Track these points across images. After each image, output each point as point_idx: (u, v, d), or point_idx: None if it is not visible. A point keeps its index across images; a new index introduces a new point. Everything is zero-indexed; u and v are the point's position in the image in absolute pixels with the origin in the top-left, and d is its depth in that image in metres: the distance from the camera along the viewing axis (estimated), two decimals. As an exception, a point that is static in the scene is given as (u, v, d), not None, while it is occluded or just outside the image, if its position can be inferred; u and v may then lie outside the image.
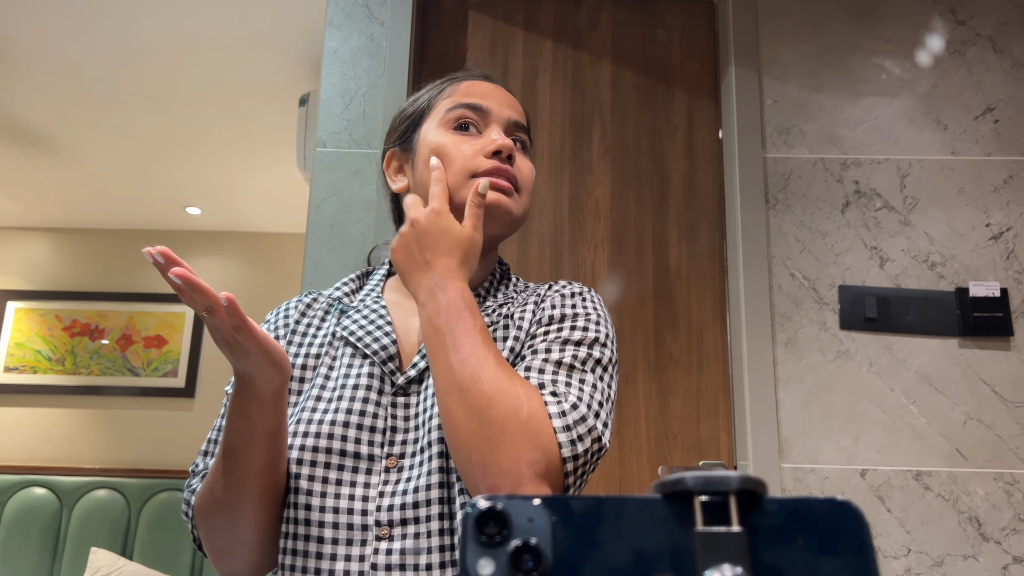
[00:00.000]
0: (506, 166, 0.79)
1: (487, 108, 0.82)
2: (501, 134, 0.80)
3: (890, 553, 1.62)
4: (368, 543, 0.69)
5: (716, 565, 0.23)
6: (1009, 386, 1.70)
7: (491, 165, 0.78)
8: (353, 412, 0.74)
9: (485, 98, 0.83)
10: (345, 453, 0.72)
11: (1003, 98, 1.87)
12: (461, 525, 0.25)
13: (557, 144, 1.93)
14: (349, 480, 0.71)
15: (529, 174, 0.83)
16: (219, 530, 0.71)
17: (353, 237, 1.75)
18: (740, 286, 1.77)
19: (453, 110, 0.81)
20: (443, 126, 0.82)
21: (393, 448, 0.73)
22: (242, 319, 0.59)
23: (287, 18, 2.34)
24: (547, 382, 0.69)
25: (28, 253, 4.16)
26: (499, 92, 0.85)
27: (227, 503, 0.69)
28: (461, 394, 0.64)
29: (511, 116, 0.83)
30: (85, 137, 3.20)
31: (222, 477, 0.69)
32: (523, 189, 0.82)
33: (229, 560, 0.73)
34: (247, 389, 0.65)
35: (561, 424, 0.65)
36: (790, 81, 1.89)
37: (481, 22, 2.00)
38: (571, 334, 0.74)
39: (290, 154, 3.21)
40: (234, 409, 0.67)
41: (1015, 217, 1.80)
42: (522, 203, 0.82)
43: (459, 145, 0.79)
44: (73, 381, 3.93)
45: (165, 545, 3.35)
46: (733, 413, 1.78)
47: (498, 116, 0.82)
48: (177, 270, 0.56)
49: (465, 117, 0.81)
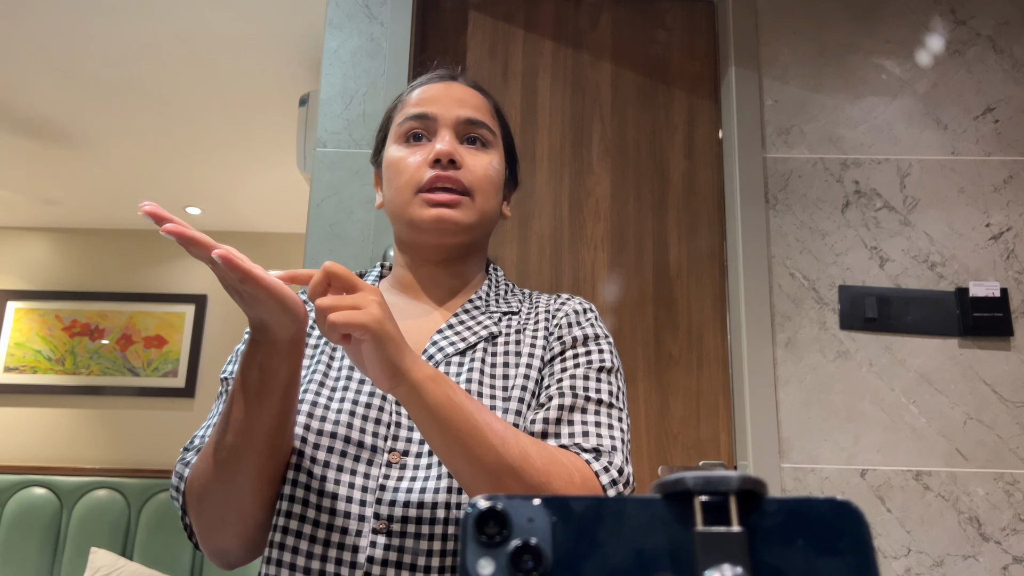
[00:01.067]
0: (447, 173, 0.78)
1: (432, 114, 0.81)
2: (446, 139, 0.79)
3: (890, 553, 1.62)
4: (364, 534, 0.68)
5: (716, 565, 0.23)
6: (1009, 386, 1.70)
7: (432, 176, 0.78)
8: (359, 403, 0.74)
9: (432, 103, 0.82)
10: (350, 440, 0.72)
11: (1003, 98, 1.87)
12: (461, 525, 0.25)
13: (557, 144, 1.93)
14: (350, 468, 0.71)
15: (483, 170, 0.81)
16: (214, 499, 0.68)
17: (353, 237, 1.75)
18: (740, 286, 1.77)
19: (403, 123, 0.82)
20: (397, 140, 0.83)
21: (397, 443, 0.73)
22: (244, 271, 0.58)
23: (287, 18, 2.34)
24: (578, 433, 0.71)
25: (28, 253, 4.16)
26: (451, 91, 0.83)
27: (227, 467, 0.67)
28: (517, 475, 0.62)
29: (460, 115, 0.81)
30: (85, 137, 3.20)
31: (225, 438, 0.66)
32: (476, 188, 0.80)
33: (220, 533, 0.70)
34: (262, 337, 0.63)
35: (608, 480, 0.68)
36: (790, 81, 1.90)
37: (481, 22, 2.00)
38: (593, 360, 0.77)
39: (290, 154, 3.21)
40: (247, 361, 0.65)
41: (1015, 217, 1.80)
42: (477, 205, 0.80)
43: (406, 159, 0.80)
44: (73, 381, 3.93)
45: (165, 545, 3.35)
46: (733, 413, 1.78)
47: (445, 119, 0.81)
48: (169, 226, 0.56)
49: (413, 129, 0.81)
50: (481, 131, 0.83)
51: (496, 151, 0.84)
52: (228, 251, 0.57)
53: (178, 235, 0.56)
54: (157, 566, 3.27)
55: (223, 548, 0.71)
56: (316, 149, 1.81)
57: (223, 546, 0.71)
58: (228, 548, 0.71)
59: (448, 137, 0.80)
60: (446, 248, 0.82)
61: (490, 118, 0.85)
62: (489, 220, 0.83)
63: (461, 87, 0.85)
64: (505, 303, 0.85)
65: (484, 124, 0.83)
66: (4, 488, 3.48)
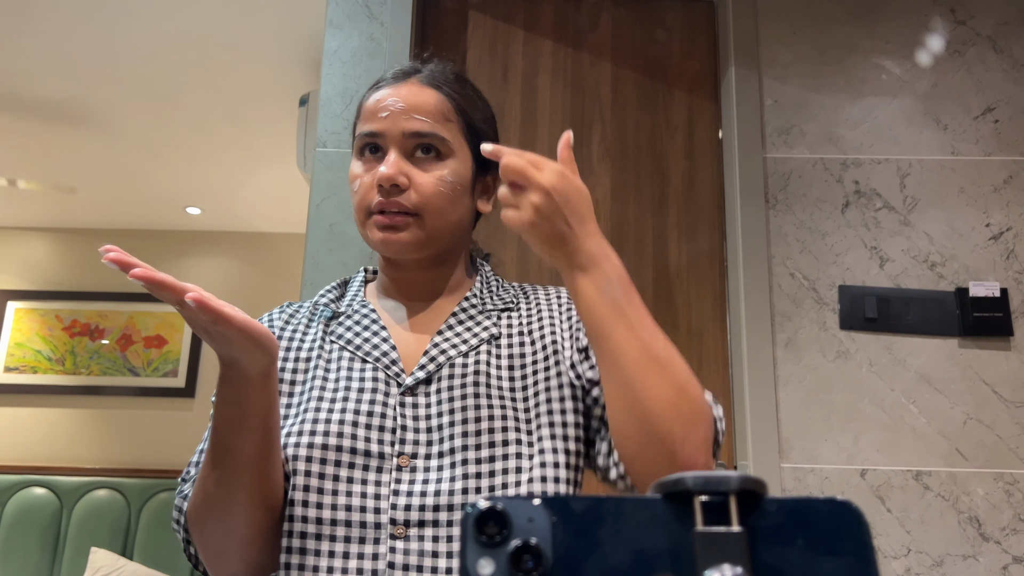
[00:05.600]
0: (392, 199, 0.77)
1: (380, 131, 0.79)
2: (391, 160, 0.77)
3: (890, 553, 1.62)
4: (382, 541, 0.69)
5: (716, 565, 0.23)
6: (1009, 386, 1.70)
7: (378, 202, 0.77)
8: (361, 412, 0.74)
9: (381, 119, 0.79)
10: (355, 451, 0.72)
11: (1003, 98, 1.87)
12: (461, 525, 0.25)
13: (557, 144, 1.93)
14: (360, 478, 0.71)
15: (432, 187, 0.78)
16: (213, 529, 0.69)
17: (353, 237, 1.75)
18: (740, 286, 1.77)
19: (357, 139, 0.82)
20: (355, 153, 0.83)
21: (404, 447, 0.73)
22: (215, 312, 0.58)
23: (287, 18, 2.34)
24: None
25: (28, 253, 4.16)
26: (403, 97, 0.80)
27: (220, 498, 0.67)
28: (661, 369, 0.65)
29: (406, 128, 0.78)
30: (85, 137, 3.20)
31: (214, 471, 0.67)
32: (425, 209, 0.78)
33: (224, 562, 0.71)
34: (235, 374, 0.63)
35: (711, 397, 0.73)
36: (790, 81, 1.89)
37: (481, 22, 2.00)
38: None
39: (290, 154, 3.21)
40: (223, 398, 0.65)
41: (1015, 217, 1.80)
42: (427, 224, 0.78)
43: (362, 178, 0.80)
44: (73, 381, 3.93)
45: (165, 545, 3.35)
46: (733, 413, 1.78)
47: (392, 136, 0.79)
48: (137, 271, 0.55)
49: (367, 143, 0.81)
50: (430, 140, 0.79)
51: (452, 158, 0.80)
52: (199, 293, 0.57)
53: (146, 279, 0.55)
54: (157, 566, 3.27)
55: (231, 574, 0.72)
56: (316, 149, 1.81)
57: (231, 572, 0.71)
58: (236, 573, 0.72)
59: (393, 157, 0.78)
60: (409, 262, 0.82)
61: (443, 123, 0.80)
62: (450, 229, 0.81)
63: (416, 88, 0.81)
64: (500, 299, 0.85)
65: (433, 134, 0.79)
66: (4, 488, 3.48)
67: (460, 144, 0.82)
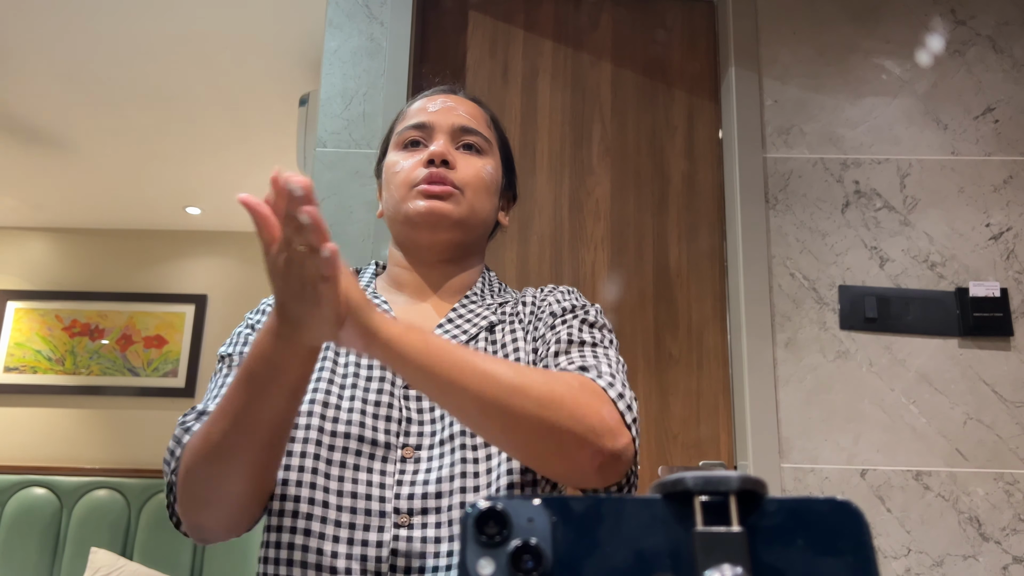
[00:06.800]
0: (440, 171, 0.82)
1: (430, 123, 0.86)
2: (441, 142, 0.84)
3: (890, 553, 1.62)
4: (386, 529, 0.70)
5: (716, 565, 0.23)
6: (1009, 386, 1.70)
7: (426, 174, 0.82)
8: (369, 402, 0.76)
9: (429, 111, 0.87)
10: (363, 439, 0.74)
11: (1003, 98, 1.87)
12: (461, 525, 0.25)
13: (557, 144, 1.93)
14: (366, 466, 0.73)
15: (475, 173, 0.85)
16: (204, 477, 0.67)
17: (353, 237, 1.75)
18: (740, 286, 1.77)
19: (402, 132, 0.88)
20: (396, 148, 0.88)
21: (409, 439, 0.75)
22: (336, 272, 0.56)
23: (287, 18, 2.34)
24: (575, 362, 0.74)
25: (28, 253, 4.16)
26: (449, 102, 0.89)
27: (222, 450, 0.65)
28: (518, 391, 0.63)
29: (455, 123, 0.86)
30: (86, 137, 3.20)
31: (224, 422, 0.64)
32: (468, 187, 0.84)
33: (202, 511, 0.69)
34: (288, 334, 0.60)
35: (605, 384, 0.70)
36: (790, 81, 1.89)
37: (481, 22, 2.00)
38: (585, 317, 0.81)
39: (290, 154, 3.21)
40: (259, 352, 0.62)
41: (1015, 217, 1.80)
42: (468, 202, 0.84)
43: (403, 162, 0.85)
44: (73, 381, 3.93)
45: (165, 545, 3.35)
46: (733, 413, 1.78)
47: (441, 127, 0.86)
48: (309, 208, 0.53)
49: (411, 136, 0.87)
50: (475, 138, 0.87)
51: (491, 157, 0.88)
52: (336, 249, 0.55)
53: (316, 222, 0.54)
54: (157, 566, 3.26)
55: (200, 525, 0.71)
56: (316, 149, 1.81)
57: (201, 523, 0.70)
58: (205, 526, 0.71)
59: (443, 141, 0.85)
60: (440, 246, 0.85)
61: (486, 128, 0.90)
62: (481, 220, 0.87)
63: (459, 99, 0.90)
64: (500, 296, 0.89)
65: (479, 132, 0.88)
66: (4, 488, 3.48)
67: (493, 152, 0.90)
